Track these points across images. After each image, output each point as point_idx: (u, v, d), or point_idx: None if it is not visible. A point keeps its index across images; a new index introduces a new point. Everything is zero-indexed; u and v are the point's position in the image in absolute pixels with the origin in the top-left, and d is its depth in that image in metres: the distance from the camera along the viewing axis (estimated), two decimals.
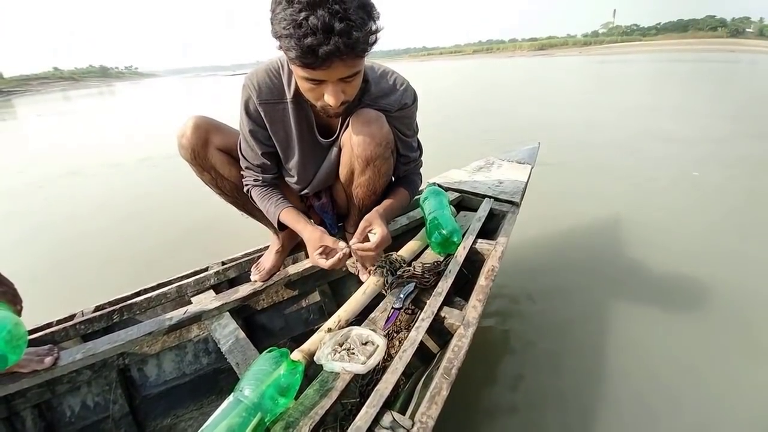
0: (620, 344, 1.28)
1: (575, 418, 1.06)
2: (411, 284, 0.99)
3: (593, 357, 1.24)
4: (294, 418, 0.70)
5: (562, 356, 1.25)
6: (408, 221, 1.35)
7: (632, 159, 2.83)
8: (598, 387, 1.14)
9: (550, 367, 1.21)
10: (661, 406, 1.07)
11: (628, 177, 2.52)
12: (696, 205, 2.17)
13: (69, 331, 1.05)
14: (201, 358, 1.17)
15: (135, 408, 1.09)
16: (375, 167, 0.98)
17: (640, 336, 1.31)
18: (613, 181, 2.50)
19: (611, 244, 1.84)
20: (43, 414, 1.00)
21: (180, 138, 1.01)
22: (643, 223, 1.99)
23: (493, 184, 1.45)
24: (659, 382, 1.15)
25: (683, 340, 1.29)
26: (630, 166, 2.71)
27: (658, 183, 2.43)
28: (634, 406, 1.08)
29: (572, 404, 1.10)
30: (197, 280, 1.18)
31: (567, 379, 1.17)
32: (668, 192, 2.34)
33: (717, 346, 1.26)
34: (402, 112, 0.99)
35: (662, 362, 1.21)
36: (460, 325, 0.83)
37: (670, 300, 1.47)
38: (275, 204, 1.02)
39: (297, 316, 1.30)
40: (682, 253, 1.73)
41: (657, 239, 1.85)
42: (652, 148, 3.03)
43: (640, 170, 2.62)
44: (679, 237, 1.86)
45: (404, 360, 0.74)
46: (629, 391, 1.12)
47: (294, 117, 0.97)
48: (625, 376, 1.17)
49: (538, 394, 1.13)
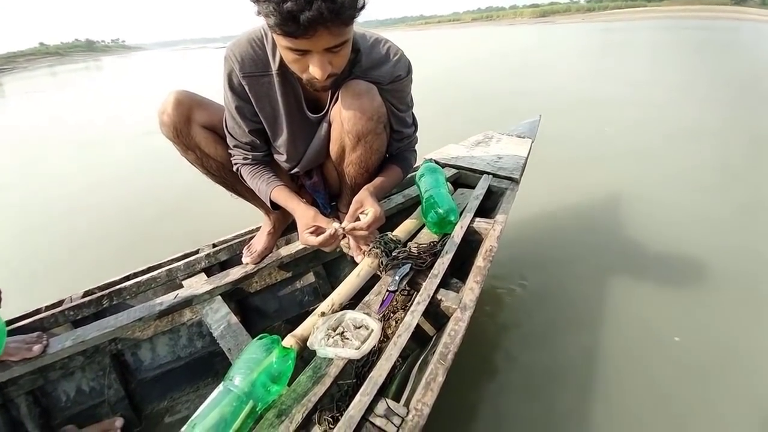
0: (621, 322, 1.27)
1: (575, 398, 1.05)
2: (406, 266, 0.96)
3: (593, 336, 1.23)
4: (287, 405, 0.69)
5: (560, 337, 1.24)
6: (403, 200, 1.31)
7: (636, 133, 2.75)
8: (598, 365, 1.13)
9: (548, 348, 1.20)
10: (665, 382, 1.07)
11: (632, 152, 2.46)
12: (701, 180, 2.12)
13: (58, 318, 1.02)
14: (195, 341, 1.15)
15: (131, 392, 1.08)
16: (366, 143, 0.93)
17: (641, 312, 1.30)
18: (616, 155, 2.44)
19: (612, 219, 1.81)
20: (38, 400, 0.99)
21: (161, 115, 0.95)
22: (646, 199, 1.95)
23: (491, 160, 1.40)
24: (661, 357, 1.14)
25: (686, 315, 1.28)
26: (634, 140, 2.64)
27: (661, 156, 2.37)
28: (636, 384, 1.07)
29: (572, 385, 1.09)
30: (188, 263, 1.15)
31: (565, 360, 1.16)
32: (670, 164, 2.29)
33: (720, 317, 1.25)
34: (395, 84, 0.93)
35: (663, 337, 1.20)
36: (457, 308, 0.80)
37: (673, 275, 1.45)
38: (267, 182, 0.97)
39: (291, 298, 1.28)
40: (684, 228, 1.70)
41: (660, 214, 1.81)
42: (655, 120, 2.95)
43: (645, 144, 2.55)
44: (682, 212, 1.82)
45: (399, 345, 0.72)
46: (631, 368, 1.11)
47: (280, 91, 0.90)
48: (626, 352, 1.16)
49: (536, 376, 1.12)
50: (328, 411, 0.93)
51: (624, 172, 2.23)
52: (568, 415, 1.01)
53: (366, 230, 0.86)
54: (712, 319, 1.26)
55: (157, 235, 2.01)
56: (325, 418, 0.95)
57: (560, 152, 2.46)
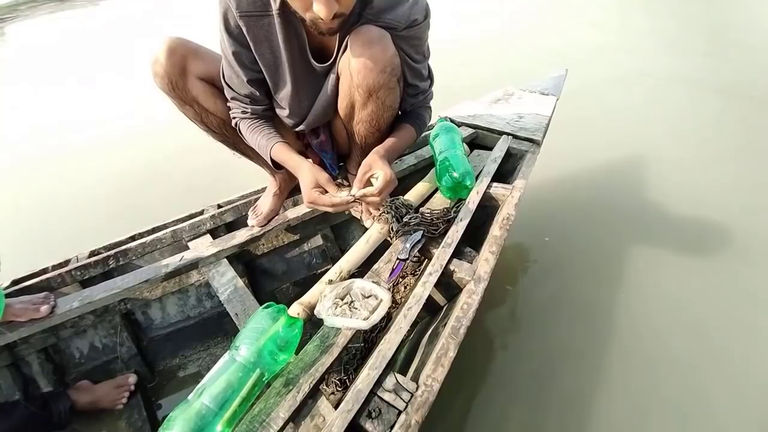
0: (643, 294, 1.21)
1: (589, 375, 1.02)
2: (418, 233, 0.91)
3: (611, 309, 1.18)
4: (294, 374, 0.67)
5: (575, 310, 1.18)
6: (416, 161, 1.23)
7: (664, 94, 2.52)
8: (613, 343, 1.09)
9: (564, 323, 1.15)
10: (683, 356, 1.04)
11: (659, 114, 2.25)
12: (730, 148, 1.95)
13: (65, 277, 1.02)
14: (204, 301, 1.15)
15: (143, 349, 1.10)
16: (378, 99, 0.84)
17: (665, 285, 1.23)
18: (644, 118, 2.24)
19: (636, 187, 1.68)
20: (50, 357, 1.01)
21: (153, 65, 0.87)
22: (673, 163, 1.80)
23: (512, 119, 1.29)
24: (681, 331, 1.10)
25: (711, 286, 1.22)
26: (661, 101, 2.41)
27: (692, 120, 2.16)
28: (657, 360, 1.04)
29: (588, 360, 1.05)
30: (192, 224, 1.12)
31: (581, 335, 1.11)
32: (701, 129, 2.10)
33: (743, 290, 1.20)
34: (411, 30, 0.82)
35: (685, 309, 1.16)
36: (470, 280, 0.76)
37: (700, 244, 1.37)
38: (267, 137, 0.89)
39: (299, 260, 1.26)
40: (714, 197, 1.58)
41: (689, 180, 1.69)
42: (688, 82, 2.68)
43: (673, 107, 2.33)
44: (711, 180, 1.69)
45: (409, 318, 0.69)
46: (654, 345, 1.07)
47: (282, 35, 0.80)
48: (652, 328, 1.11)
49: (551, 352, 1.08)
50: (335, 373, 0.93)
51: (648, 136, 2.06)
52: (581, 392, 0.99)
53: (377, 196, 0.80)
54: (735, 292, 1.20)
55: (157, 193, 1.96)
56: (332, 380, 0.96)
57: (579, 108, 2.27)
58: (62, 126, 2.81)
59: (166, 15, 5.53)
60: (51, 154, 2.47)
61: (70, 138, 2.63)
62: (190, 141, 1.55)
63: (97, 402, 0.98)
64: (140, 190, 1.97)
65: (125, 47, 4.26)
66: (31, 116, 3.07)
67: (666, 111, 2.27)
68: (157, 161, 2.19)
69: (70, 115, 2.98)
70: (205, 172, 1.97)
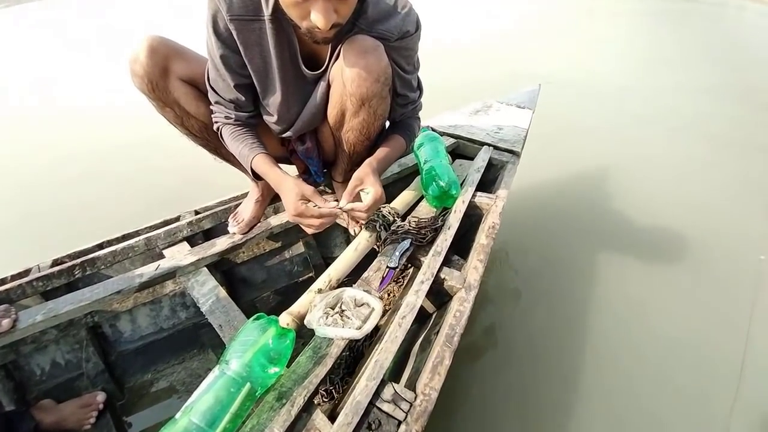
0: (616, 300, 1.26)
1: (568, 376, 1.06)
2: (407, 241, 0.92)
3: (588, 312, 1.22)
4: (287, 387, 0.66)
5: (555, 313, 1.23)
6: (400, 169, 1.25)
7: (641, 106, 2.66)
8: (590, 343, 1.14)
9: (542, 325, 1.19)
10: (654, 359, 1.10)
11: (634, 125, 2.38)
12: (712, 156, 2.06)
13: (26, 289, 0.94)
14: (179, 312, 1.10)
15: (111, 364, 1.03)
16: (371, 108, 0.85)
17: (636, 291, 1.29)
18: (618, 128, 2.35)
19: (610, 196, 1.76)
20: (10, 374, 0.93)
21: (132, 64, 0.82)
22: (648, 176, 1.90)
23: (491, 130, 1.34)
24: (651, 336, 1.16)
25: (682, 292, 1.29)
26: (638, 113, 2.55)
27: (668, 133, 2.28)
28: (628, 365, 1.09)
29: (566, 362, 1.09)
30: (168, 231, 1.07)
31: (559, 337, 1.16)
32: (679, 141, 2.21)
33: (711, 297, 1.27)
34: (403, 41, 0.83)
35: (656, 316, 1.22)
36: (461, 288, 0.78)
37: (673, 254, 1.45)
38: (249, 147, 0.87)
39: (280, 268, 1.23)
40: (686, 207, 1.66)
41: (664, 190, 1.78)
42: (660, 95, 2.85)
43: (649, 119, 2.45)
44: (681, 192, 1.78)
45: (404, 327, 0.69)
46: (624, 352, 1.12)
47: (273, 40, 0.79)
48: (619, 332, 1.17)
49: (537, 357, 1.11)
50: (321, 383, 0.92)
51: (624, 146, 2.17)
52: (559, 400, 1.03)
53: (365, 212, 0.80)
54: (706, 299, 1.28)
55: (127, 199, 1.86)
56: (319, 390, 0.94)
57: (554, 121, 2.38)
58: (23, 116, 2.59)
59: None
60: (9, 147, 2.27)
61: (30, 130, 2.43)
62: (167, 142, 1.47)
63: (62, 422, 0.90)
64: (108, 193, 1.85)
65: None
66: None
67: (641, 123, 2.40)
68: (129, 162, 2.07)
69: (34, 105, 2.76)
70: (178, 174, 1.89)
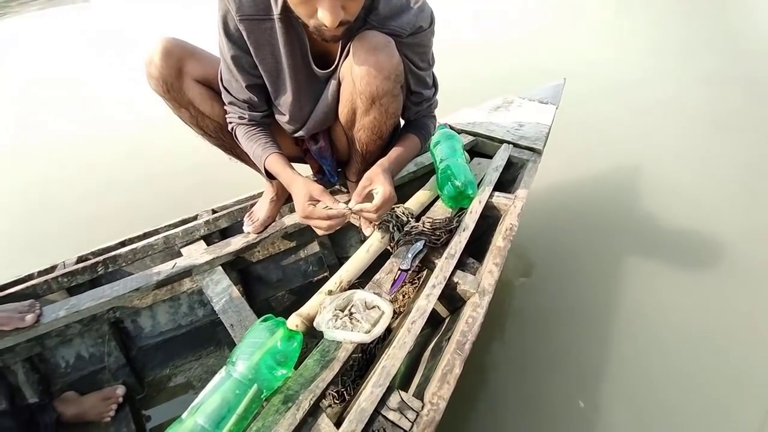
0: (641, 306, 1.20)
1: (588, 388, 1.01)
2: (420, 242, 0.90)
3: (609, 318, 1.17)
4: (294, 390, 0.65)
5: (575, 319, 1.17)
6: (416, 168, 1.22)
7: (669, 101, 2.49)
8: (619, 351, 1.08)
9: (561, 332, 1.14)
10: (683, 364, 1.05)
11: (659, 126, 2.24)
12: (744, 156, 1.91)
13: (51, 284, 0.97)
14: (196, 310, 1.12)
15: (132, 359, 1.06)
16: (381, 106, 0.83)
17: (664, 297, 1.22)
18: (644, 130, 2.22)
19: (631, 194, 1.67)
20: (35, 366, 0.97)
21: (148, 66, 0.84)
22: (673, 176, 1.77)
23: (512, 127, 1.29)
24: (680, 341, 1.10)
25: (713, 298, 1.22)
26: (662, 107, 2.40)
27: (696, 133, 2.13)
28: (661, 373, 1.04)
29: (587, 373, 1.04)
30: (186, 230, 1.09)
31: (578, 345, 1.10)
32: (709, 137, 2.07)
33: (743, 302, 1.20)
34: (416, 37, 0.81)
35: (685, 320, 1.16)
36: (475, 292, 0.75)
37: (698, 262, 1.36)
38: (263, 147, 0.87)
39: (295, 267, 1.23)
40: (714, 211, 1.55)
41: (688, 193, 1.66)
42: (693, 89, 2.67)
43: (677, 119, 2.30)
44: (712, 194, 1.66)
45: (413, 333, 0.67)
46: (655, 356, 1.07)
47: (283, 39, 0.78)
48: (646, 337, 1.11)
49: (545, 361, 1.07)
50: (333, 385, 0.90)
51: (653, 144, 2.05)
52: (579, 407, 0.98)
53: (374, 213, 0.78)
54: (737, 303, 1.20)
55: (149, 199, 1.91)
56: (330, 392, 0.93)
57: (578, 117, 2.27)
58: (48, 120, 2.74)
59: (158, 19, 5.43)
60: (37, 149, 2.40)
61: (57, 132, 2.56)
62: (184, 141, 1.50)
63: (83, 414, 0.94)
64: (133, 191, 1.92)
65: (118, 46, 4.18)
66: (17, 108, 2.98)
67: (668, 123, 2.26)
68: (151, 162, 2.14)
69: (58, 107, 2.91)
70: (198, 173, 1.93)
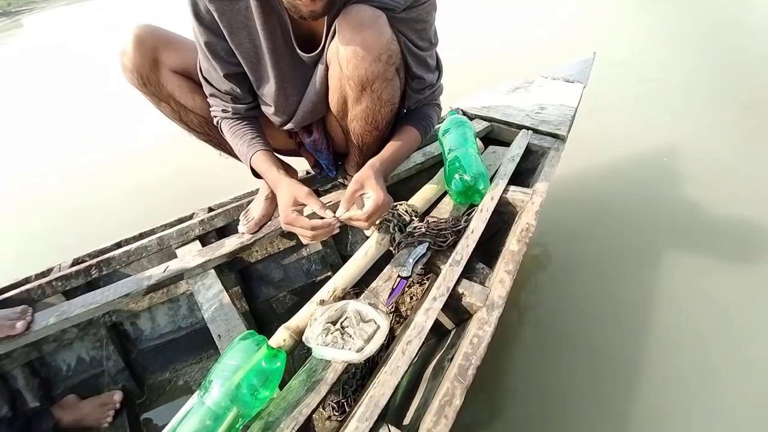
0: (677, 304, 1.06)
1: (625, 388, 0.90)
2: (423, 245, 0.80)
3: (643, 315, 1.04)
4: (275, 417, 0.58)
5: (604, 328, 1.03)
6: (424, 158, 1.11)
7: (701, 87, 2.23)
8: (653, 350, 0.97)
9: (587, 352, 0.99)
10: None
11: (693, 110, 2.00)
12: None
13: (46, 289, 0.95)
14: (195, 312, 1.08)
15: (131, 362, 1.04)
16: (374, 92, 0.72)
17: (706, 291, 1.09)
18: (675, 113, 1.98)
19: (663, 184, 1.49)
20: (36, 370, 0.96)
21: (121, 57, 0.77)
22: (707, 160, 1.59)
23: (532, 111, 1.15)
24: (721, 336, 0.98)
25: None
26: (697, 95, 2.14)
27: (731, 117, 1.89)
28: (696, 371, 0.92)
29: (622, 372, 0.93)
30: (180, 230, 1.04)
31: (610, 344, 0.98)
32: None
33: None
34: (413, 11, 0.69)
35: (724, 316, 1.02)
36: (482, 306, 0.65)
37: (739, 252, 1.20)
38: (248, 143, 0.79)
39: (297, 266, 1.17)
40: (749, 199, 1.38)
41: (723, 179, 1.47)
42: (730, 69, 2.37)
43: (711, 101, 2.05)
44: (748, 182, 1.48)
45: (408, 355, 0.59)
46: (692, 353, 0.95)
47: (261, 21, 0.69)
48: (692, 334, 0.99)
49: (571, 391, 0.93)
50: (333, 395, 0.84)
51: (684, 128, 1.84)
52: (614, 408, 0.88)
53: (365, 221, 0.69)
54: None
55: (142, 197, 1.88)
56: (329, 403, 0.87)
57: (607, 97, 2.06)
58: (55, 125, 2.77)
59: None
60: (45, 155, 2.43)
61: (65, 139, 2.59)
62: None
63: (81, 420, 0.92)
64: (133, 191, 1.91)
65: None
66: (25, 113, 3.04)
67: (701, 105, 2.02)
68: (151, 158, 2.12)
69: (62, 108, 2.94)
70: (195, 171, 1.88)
